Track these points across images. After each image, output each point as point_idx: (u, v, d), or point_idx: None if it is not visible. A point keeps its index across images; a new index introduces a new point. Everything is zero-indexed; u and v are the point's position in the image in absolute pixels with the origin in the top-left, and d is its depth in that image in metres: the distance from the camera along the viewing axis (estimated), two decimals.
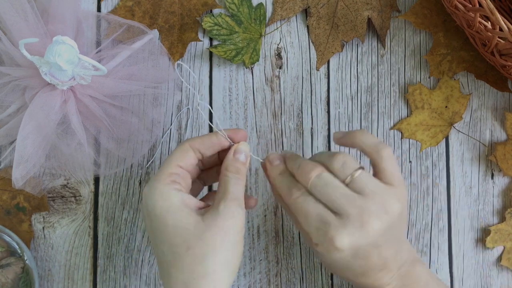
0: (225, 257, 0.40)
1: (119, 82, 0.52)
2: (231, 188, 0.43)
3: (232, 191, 0.42)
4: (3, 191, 0.54)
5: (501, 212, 0.57)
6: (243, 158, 0.45)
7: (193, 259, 0.40)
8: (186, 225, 0.40)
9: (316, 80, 0.57)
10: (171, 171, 0.43)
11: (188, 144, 0.45)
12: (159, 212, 0.41)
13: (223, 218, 0.41)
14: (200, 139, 0.45)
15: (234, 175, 0.44)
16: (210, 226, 0.40)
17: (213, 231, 0.40)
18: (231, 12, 0.56)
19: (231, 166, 0.44)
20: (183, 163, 0.44)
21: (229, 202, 0.41)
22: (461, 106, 0.57)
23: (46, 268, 0.54)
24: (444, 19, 0.57)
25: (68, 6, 0.51)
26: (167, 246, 0.41)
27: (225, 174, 0.44)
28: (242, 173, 0.44)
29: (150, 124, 0.55)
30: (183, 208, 0.41)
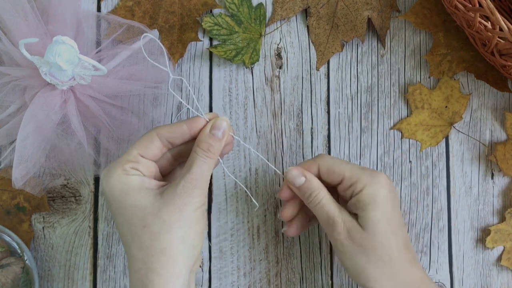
0: (182, 234, 0.40)
1: (119, 82, 0.52)
2: (195, 167, 0.42)
3: (195, 171, 0.41)
4: (3, 191, 0.54)
5: (501, 212, 0.57)
6: (219, 135, 0.43)
7: (150, 236, 0.40)
8: (143, 204, 0.41)
9: (316, 80, 0.57)
10: (130, 159, 0.42)
11: (155, 133, 0.43)
12: (118, 194, 0.41)
13: (179, 196, 0.40)
14: (169, 128, 0.43)
15: (204, 154, 0.42)
16: (166, 204, 0.40)
17: (168, 208, 0.40)
18: (231, 12, 0.56)
19: (204, 142, 0.42)
20: (145, 153, 0.43)
21: (188, 183, 0.41)
22: (461, 106, 0.57)
23: (46, 268, 0.54)
24: (444, 19, 0.57)
25: (68, 6, 0.51)
26: (125, 226, 0.41)
27: (195, 150, 0.42)
28: (214, 151, 0.43)
29: (150, 124, 0.55)
30: (141, 189, 0.41)
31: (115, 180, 0.41)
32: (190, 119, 0.44)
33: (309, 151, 0.57)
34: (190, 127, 0.43)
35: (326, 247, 0.56)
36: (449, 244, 0.57)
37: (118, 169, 0.42)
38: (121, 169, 0.42)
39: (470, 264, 0.56)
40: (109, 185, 0.42)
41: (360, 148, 0.57)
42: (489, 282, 0.56)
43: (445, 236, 0.57)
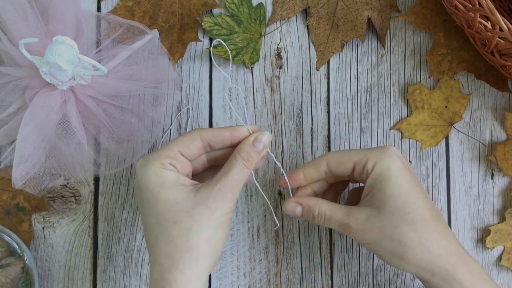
0: (210, 235, 0.41)
1: (119, 82, 0.52)
2: (233, 174, 0.43)
3: (232, 177, 0.43)
4: (3, 191, 0.54)
5: (501, 212, 0.57)
6: (260, 148, 0.44)
7: (178, 233, 0.41)
8: (176, 200, 0.41)
9: (316, 80, 0.57)
10: (170, 154, 0.43)
11: (198, 134, 0.44)
12: (152, 187, 0.42)
13: (213, 199, 0.41)
14: (213, 132, 0.45)
15: (243, 162, 0.43)
16: (200, 204, 0.41)
17: (201, 208, 0.41)
18: (231, 12, 0.56)
19: (245, 151, 0.44)
20: (184, 152, 0.44)
21: (225, 187, 0.42)
22: (461, 106, 0.57)
23: (46, 268, 0.54)
24: (444, 19, 0.57)
25: (68, 6, 0.51)
26: (154, 218, 0.42)
27: (235, 157, 0.44)
28: (252, 162, 0.44)
29: (150, 124, 0.55)
30: (176, 185, 0.42)
31: (152, 172, 0.42)
32: (233, 127, 0.45)
33: (309, 151, 0.57)
34: (233, 134, 0.45)
35: (326, 247, 0.56)
36: None
37: (156, 162, 0.42)
38: (159, 162, 0.42)
39: None
40: (145, 175, 0.42)
41: (360, 148, 0.57)
42: None
43: None
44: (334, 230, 0.56)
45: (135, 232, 0.55)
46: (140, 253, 0.55)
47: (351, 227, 0.44)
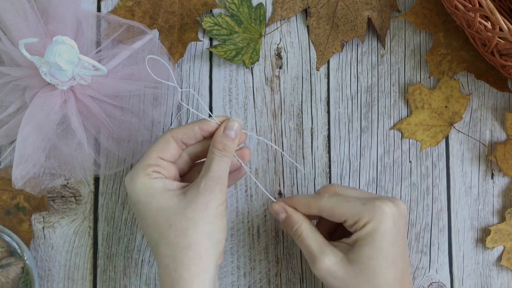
0: (208, 229, 0.42)
1: (119, 82, 0.52)
2: (214, 166, 0.44)
3: (214, 169, 0.44)
4: (3, 191, 0.54)
5: (501, 212, 0.57)
6: (232, 135, 0.45)
7: (176, 234, 0.42)
8: (168, 205, 0.42)
9: (316, 80, 0.57)
10: (150, 162, 0.44)
11: (170, 135, 0.45)
12: (143, 199, 0.43)
13: (202, 195, 0.43)
14: (183, 130, 0.45)
15: (220, 153, 0.44)
16: (191, 203, 0.42)
17: (193, 206, 0.42)
18: (231, 12, 0.56)
19: (219, 142, 0.45)
20: (164, 155, 0.45)
21: (210, 181, 0.43)
22: (461, 106, 0.57)
23: (46, 268, 0.54)
24: (444, 19, 0.57)
25: (68, 6, 0.51)
26: (152, 227, 0.43)
27: (212, 150, 0.45)
28: (229, 150, 0.45)
29: (150, 124, 0.55)
30: (165, 191, 0.43)
31: (140, 185, 0.43)
32: (201, 121, 0.46)
33: (309, 151, 0.57)
34: (202, 128, 0.46)
35: None
36: (449, 244, 0.57)
37: (141, 174, 0.44)
38: (143, 173, 0.44)
39: (470, 264, 0.56)
40: (134, 190, 0.44)
41: (360, 148, 0.57)
42: (489, 282, 0.56)
43: (445, 236, 0.57)
44: None
45: (135, 232, 0.55)
46: (140, 253, 0.55)
47: (316, 263, 0.44)
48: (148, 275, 0.55)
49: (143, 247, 0.55)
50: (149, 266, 0.55)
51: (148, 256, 0.55)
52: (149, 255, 0.55)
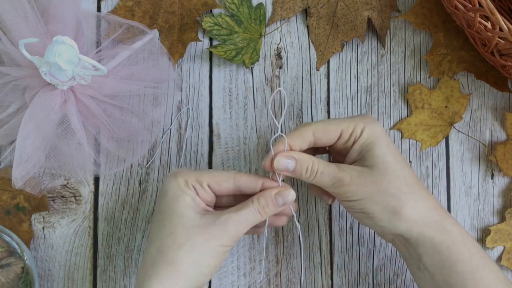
0: (198, 258, 0.42)
1: (119, 82, 0.52)
2: (244, 213, 0.43)
3: (241, 215, 0.43)
4: (3, 191, 0.54)
5: (501, 212, 0.57)
6: (279, 202, 0.45)
7: (170, 244, 0.42)
8: (182, 214, 0.43)
9: (316, 80, 0.57)
10: (198, 178, 0.44)
11: (233, 176, 0.45)
12: (169, 195, 0.44)
13: (215, 226, 0.42)
14: (247, 178, 0.45)
15: (258, 207, 0.44)
16: (201, 227, 0.42)
17: (200, 231, 0.42)
18: (231, 12, 0.56)
19: (264, 198, 0.44)
20: (212, 185, 0.45)
21: (230, 220, 0.43)
22: (461, 106, 0.57)
23: (46, 268, 0.54)
24: (444, 19, 0.57)
25: (68, 6, 0.51)
26: (158, 224, 0.44)
27: (253, 200, 0.44)
28: (267, 211, 0.44)
29: (150, 124, 0.55)
30: (190, 202, 0.43)
31: (176, 183, 0.44)
32: (268, 179, 0.46)
33: None
34: (265, 185, 0.45)
35: (326, 247, 0.56)
36: None
37: (182, 177, 0.44)
38: (184, 179, 0.44)
39: None
40: (169, 183, 0.44)
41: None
42: None
43: None
44: (334, 230, 0.56)
45: (135, 232, 0.55)
46: (140, 253, 0.55)
47: (344, 180, 0.44)
48: None
49: (143, 247, 0.55)
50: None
51: None
52: None
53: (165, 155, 0.56)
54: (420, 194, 0.44)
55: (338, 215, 0.56)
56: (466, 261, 0.43)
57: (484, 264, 0.44)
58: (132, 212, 0.55)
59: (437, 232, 0.43)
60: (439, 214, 0.44)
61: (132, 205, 0.55)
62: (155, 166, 0.56)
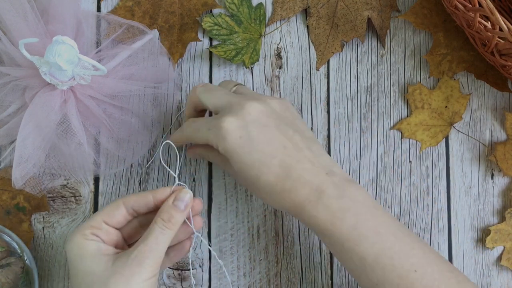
0: None
1: (119, 82, 0.52)
2: (151, 238, 0.42)
3: (149, 242, 0.42)
4: (3, 191, 0.54)
5: (501, 212, 0.57)
6: (181, 207, 0.44)
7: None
8: (93, 271, 0.41)
9: (316, 80, 0.57)
10: (93, 224, 0.43)
11: (121, 201, 0.44)
12: (73, 259, 0.42)
13: (129, 267, 0.40)
14: (135, 198, 0.44)
15: (163, 224, 0.42)
16: (115, 273, 0.40)
17: (116, 277, 0.40)
18: (231, 12, 0.56)
19: (165, 212, 0.43)
20: (109, 220, 0.43)
21: (141, 253, 0.41)
22: (461, 106, 0.57)
23: (46, 268, 0.54)
24: (444, 19, 0.57)
25: (68, 6, 0.51)
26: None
27: (156, 220, 0.43)
28: (175, 222, 0.43)
29: (150, 124, 0.55)
30: (96, 255, 0.42)
31: (73, 244, 0.42)
32: (156, 190, 0.45)
33: None
34: (155, 197, 0.44)
35: (326, 247, 0.56)
36: (449, 244, 0.57)
37: (78, 234, 0.42)
38: (81, 234, 0.42)
39: (470, 264, 0.56)
40: (68, 248, 0.42)
41: (360, 148, 0.57)
42: (489, 282, 0.56)
43: (445, 236, 0.57)
44: None
45: None
46: None
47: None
48: None
49: None
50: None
51: None
52: None
53: (165, 155, 0.56)
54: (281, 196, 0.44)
55: None
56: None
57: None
58: None
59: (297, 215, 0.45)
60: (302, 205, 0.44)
61: None
62: (155, 166, 0.56)
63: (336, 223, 0.43)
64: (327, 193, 0.43)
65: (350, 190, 0.44)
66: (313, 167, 0.44)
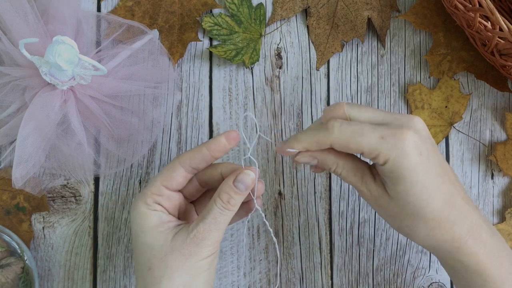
0: (185, 281, 0.40)
1: (119, 82, 0.52)
2: (210, 218, 0.41)
3: (209, 222, 0.41)
4: (3, 191, 0.54)
5: (501, 212, 0.57)
6: (242, 188, 0.42)
7: (152, 280, 0.40)
8: (152, 245, 0.41)
9: (316, 80, 0.57)
10: (154, 191, 0.42)
11: (177, 162, 0.43)
12: (135, 230, 0.42)
13: (187, 245, 0.40)
14: (190, 154, 0.43)
15: (222, 205, 0.41)
16: (174, 250, 0.40)
17: (175, 254, 0.40)
18: (231, 12, 0.56)
19: (224, 193, 0.41)
20: (169, 184, 0.43)
21: (200, 233, 0.41)
22: (461, 106, 0.57)
23: (46, 268, 0.54)
24: (444, 19, 0.57)
25: (68, 6, 0.51)
26: (135, 262, 0.42)
27: (215, 199, 0.42)
28: (234, 204, 0.42)
29: (150, 124, 0.55)
30: (156, 228, 0.41)
31: (137, 214, 0.42)
32: (209, 141, 0.43)
33: None
34: (210, 149, 0.43)
35: (326, 247, 0.56)
36: None
37: (141, 203, 0.42)
38: (143, 202, 0.42)
39: None
40: (132, 218, 0.43)
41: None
42: None
43: None
44: (334, 230, 0.56)
45: None
46: None
47: (364, 194, 0.42)
48: None
49: None
50: None
51: None
52: None
53: (165, 155, 0.56)
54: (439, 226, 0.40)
55: (338, 215, 0.56)
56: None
57: None
58: None
59: (448, 260, 0.42)
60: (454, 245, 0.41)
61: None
62: (155, 166, 0.56)
63: (495, 264, 0.40)
64: (484, 228, 0.41)
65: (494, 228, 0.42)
66: (466, 196, 0.41)
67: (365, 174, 0.42)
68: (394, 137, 0.39)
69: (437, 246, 0.41)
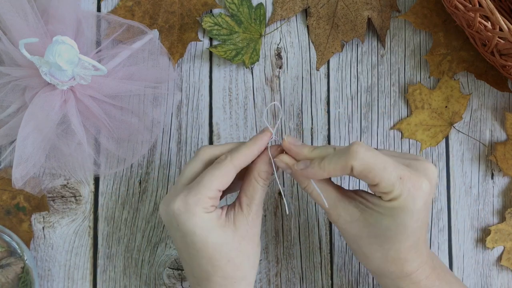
0: (254, 259, 0.45)
1: (119, 82, 0.52)
2: (258, 197, 0.44)
3: (258, 200, 0.44)
4: (3, 191, 0.54)
5: (501, 212, 0.57)
6: (283, 166, 0.44)
7: (233, 268, 0.44)
8: (225, 241, 0.43)
9: (316, 80, 0.57)
10: (210, 195, 0.42)
11: (232, 165, 0.43)
12: (200, 233, 0.42)
13: (251, 228, 0.44)
14: (243, 157, 0.44)
15: (264, 182, 0.44)
16: (244, 237, 0.44)
17: (246, 241, 0.44)
18: (231, 12, 0.56)
19: (264, 172, 0.44)
20: (223, 187, 0.43)
21: (255, 214, 0.44)
22: (461, 106, 0.57)
23: (46, 268, 0.54)
24: (444, 19, 0.57)
25: (68, 6, 0.51)
26: (206, 259, 0.43)
27: (256, 179, 0.44)
28: (269, 180, 0.45)
29: (150, 124, 0.55)
30: (220, 224, 0.43)
31: (198, 218, 0.42)
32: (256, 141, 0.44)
33: None
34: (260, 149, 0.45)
35: (326, 247, 0.56)
36: (449, 244, 0.57)
37: (199, 208, 0.42)
38: (202, 207, 0.42)
39: (470, 264, 0.56)
40: (190, 222, 0.42)
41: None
42: (489, 282, 0.56)
43: (445, 236, 0.57)
44: (334, 230, 0.56)
45: (135, 232, 0.55)
46: (140, 253, 0.55)
47: (331, 217, 0.44)
48: (148, 275, 0.55)
49: (143, 247, 0.55)
50: (149, 266, 0.55)
51: (148, 256, 0.55)
52: (149, 255, 0.55)
53: (165, 155, 0.56)
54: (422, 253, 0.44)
55: None
56: None
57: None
58: (132, 212, 0.55)
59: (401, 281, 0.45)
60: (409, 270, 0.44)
61: (132, 205, 0.55)
62: (155, 166, 0.56)
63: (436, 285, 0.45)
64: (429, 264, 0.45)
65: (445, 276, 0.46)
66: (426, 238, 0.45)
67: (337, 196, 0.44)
68: (410, 181, 0.40)
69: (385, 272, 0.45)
